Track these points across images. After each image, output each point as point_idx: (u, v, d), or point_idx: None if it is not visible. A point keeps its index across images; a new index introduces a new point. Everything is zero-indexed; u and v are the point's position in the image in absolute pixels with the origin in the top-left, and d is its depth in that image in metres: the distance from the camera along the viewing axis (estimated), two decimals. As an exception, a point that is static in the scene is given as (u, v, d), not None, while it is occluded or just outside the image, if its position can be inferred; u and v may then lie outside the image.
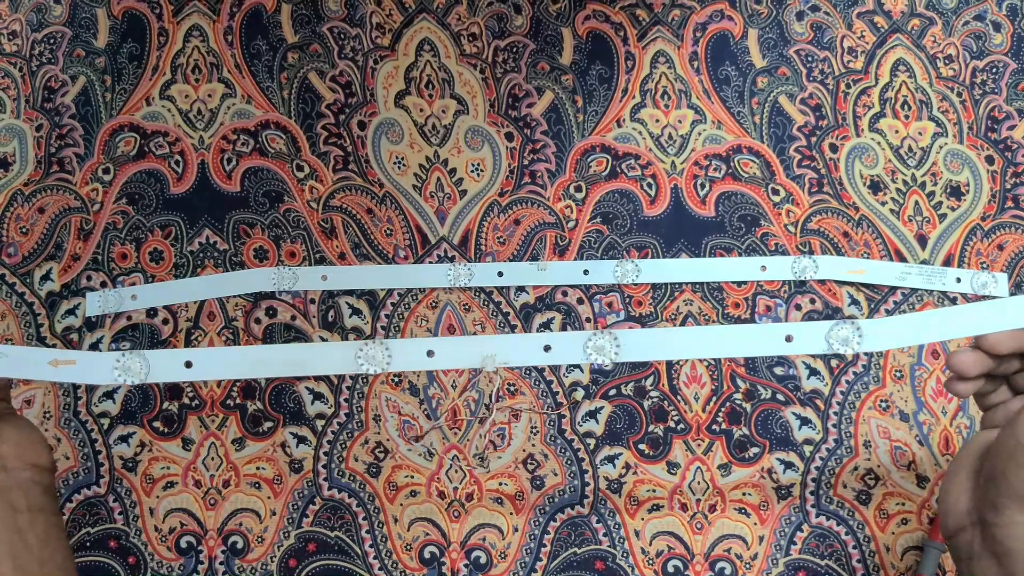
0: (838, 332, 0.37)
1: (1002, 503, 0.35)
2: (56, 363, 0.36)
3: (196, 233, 0.61)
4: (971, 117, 0.63)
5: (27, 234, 0.61)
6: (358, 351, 0.38)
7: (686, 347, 0.39)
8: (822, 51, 0.64)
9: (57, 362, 0.36)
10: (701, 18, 0.64)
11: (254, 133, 0.62)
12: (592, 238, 0.61)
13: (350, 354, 0.38)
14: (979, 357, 0.39)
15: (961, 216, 0.62)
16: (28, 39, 0.64)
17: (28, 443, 0.38)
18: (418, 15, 0.64)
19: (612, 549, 0.57)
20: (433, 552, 0.57)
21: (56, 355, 0.36)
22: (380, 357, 0.38)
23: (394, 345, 0.38)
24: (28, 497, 0.37)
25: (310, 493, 0.58)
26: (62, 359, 0.36)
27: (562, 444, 0.58)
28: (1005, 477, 0.35)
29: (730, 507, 0.58)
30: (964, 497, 0.38)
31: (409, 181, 0.62)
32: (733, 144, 0.62)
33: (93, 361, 0.37)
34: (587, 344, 0.38)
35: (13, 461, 0.37)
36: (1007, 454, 0.35)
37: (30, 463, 0.38)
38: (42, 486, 0.38)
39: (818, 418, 0.58)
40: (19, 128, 0.62)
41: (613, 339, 0.38)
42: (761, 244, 0.61)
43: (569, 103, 0.63)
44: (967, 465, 0.39)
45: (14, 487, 0.37)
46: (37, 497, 0.37)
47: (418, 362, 0.38)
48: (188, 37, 0.63)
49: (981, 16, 0.65)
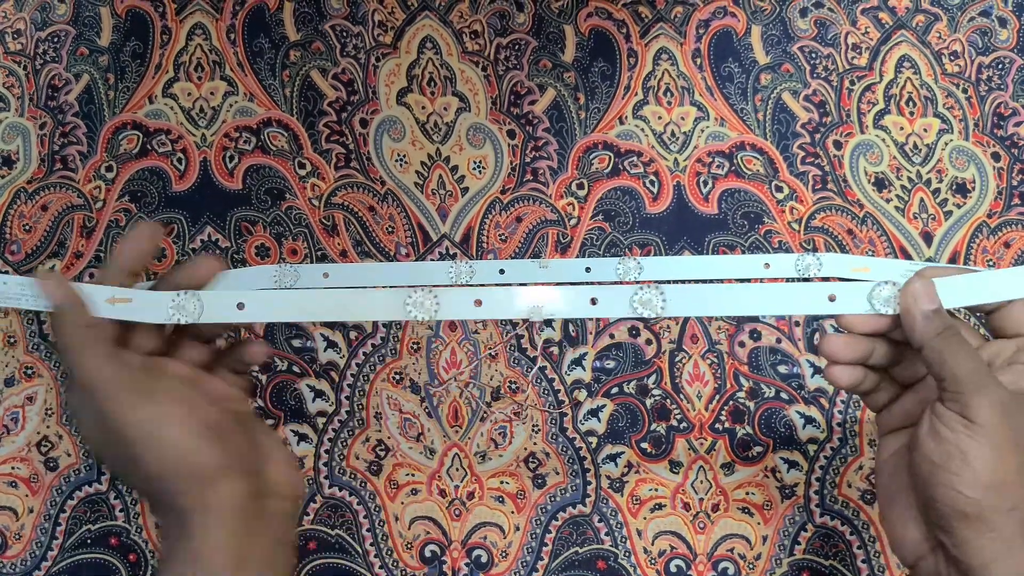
0: (880, 293, 0.37)
1: (948, 525, 0.33)
2: (113, 300, 0.36)
3: (198, 230, 0.61)
4: (977, 113, 0.62)
5: (30, 232, 0.61)
6: (407, 298, 0.37)
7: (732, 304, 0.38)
8: (826, 47, 0.64)
9: (114, 299, 0.36)
10: (704, 15, 0.64)
11: (256, 131, 0.62)
12: (594, 235, 0.61)
13: (399, 300, 0.38)
14: (849, 340, 0.37)
15: (967, 213, 0.61)
16: (32, 38, 0.64)
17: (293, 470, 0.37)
18: (420, 13, 0.64)
19: (614, 548, 0.57)
20: (434, 551, 0.57)
21: (114, 292, 0.36)
22: (429, 304, 0.37)
23: (442, 293, 0.38)
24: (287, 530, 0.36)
25: (311, 491, 0.58)
26: (120, 296, 0.36)
27: (564, 443, 0.58)
28: (937, 501, 0.33)
29: (733, 506, 0.57)
30: (911, 526, 0.36)
31: (411, 179, 0.62)
32: (736, 141, 0.62)
33: (149, 300, 0.37)
34: (633, 298, 0.38)
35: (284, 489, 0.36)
36: (928, 480, 0.34)
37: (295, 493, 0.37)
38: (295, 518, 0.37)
39: (822, 417, 0.58)
40: (23, 126, 0.63)
41: (660, 293, 0.38)
42: (764, 241, 0.61)
43: (571, 100, 0.63)
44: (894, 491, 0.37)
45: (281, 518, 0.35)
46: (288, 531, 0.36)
47: (466, 311, 0.38)
48: (191, 35, 0.64)
49: (987, 12, 0.64)
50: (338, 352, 0.59)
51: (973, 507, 0.33)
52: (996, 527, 0.32)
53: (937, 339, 0.34)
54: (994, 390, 0.33)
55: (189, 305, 0.37)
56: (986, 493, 0.32)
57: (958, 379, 0.33)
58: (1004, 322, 0.37)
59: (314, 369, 0.59)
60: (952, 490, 0.33)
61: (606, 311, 0.38)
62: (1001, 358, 0.36)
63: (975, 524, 0.33)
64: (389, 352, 0.59)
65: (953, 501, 0.33)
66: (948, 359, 0.34)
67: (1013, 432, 0.33)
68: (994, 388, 0.33)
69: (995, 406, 0.33)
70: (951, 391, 0.34)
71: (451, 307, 0.38)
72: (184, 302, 0.37)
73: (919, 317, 0.35)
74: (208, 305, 0.37)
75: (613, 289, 0.38)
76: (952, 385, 0.33)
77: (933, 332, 0.34)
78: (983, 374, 0.34)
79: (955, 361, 0.33)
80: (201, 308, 0.37)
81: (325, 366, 0.59)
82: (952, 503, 0.33)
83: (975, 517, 0.33)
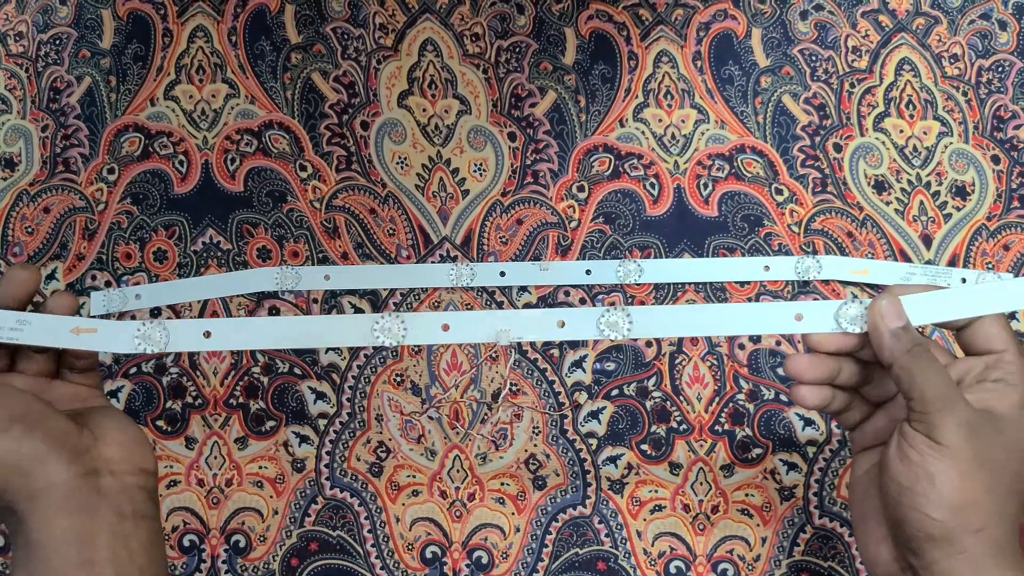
0: (847, 311, 0.37)
1: (917, 547, 0.33)
2: (78, 331, 0.36)
3: (200, 233, 0.61)
4: (977, 116, 0.63)
5: (32, 234, 0.61)
6: (374, 324, 0.38)
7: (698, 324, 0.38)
8: (826, 50, 0.64)
9: (79, 330, 0.36)
10: (704, 17, 0.64)
11: (257, 133, 0.62)
12: (594, 238, 0.61)
13: (366, 326, 0.38)
14: (815, 360, 0.37)
15: (966, 216, 0.61)
16: (34, 40, 0.64)
17: (135, 445, 0.37)
18: (421, 15, 0.64)
19: (614, 550, 0.57)
20: (435, 552, 0.57)
21: (78, 323, 0.36)
22: (396, 330, 0.38)
23: (409, 318, 0.38)
24: (133, 503, 0.35)
25: (312, 492, 0.58)
26: (84, 327, 0.36)
27: (564, 444, 0.58)
28: (907, 523, 0.33)
29: (733, 508, 0.57)
30: (883, 545, 0.36)
31: (412, 181, 0.62)
32: (736, 144, 0.62)
33: (114, 330, 0.37)
34: (600, 320, 0.38)
35: (120, 464, 0.36)
36: (896, 502, 0.34)
37: (137, 467, 0.36)
38: (147, 491, 0.36)
39: (821, 419, 0.58)
40: (25, 128, 0.63)
41: (626, 315, 0.38)
42: (764, 244, 0.61)
43: (572, 103, 0.63)
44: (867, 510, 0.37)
45: (120, 492, 0.35)
46: (142, 503, 0.36)
47: (433, 335, 0.38)
48: (192, 38, 0.64)
49: (987, 15, 0.64)
50: (339, 354, 0.59)
51: (940, 529, 0.32)
52: (964, 548, 0.32)
53: (906, 356, 0.34)
54: (960, 410, 0.33)
55: (155, 334, 0.38)
56: (953, 515, 0.32)
57: (925, 398, 0.33)
58: (973, 339, 0.36)
59: (315, 371, 0.59)
60: (919, 512, 0.33)
61: (573, 333, 0.38)
62: (970, 376, 0.36)
63: (943, 546, 0.32)
64: (390, 354, 0.59)
65: (920, 523, 0.33)
66: (917, 377, 0.33)
67: (979, 452, 0.33)
68: (961, 408, 0.33)
69: (961, 427, 0.33)
70: (918, 411, 0.33)
71: (418, 332, 0.38)
72: (150, 332, 0.37)
73: (887, 335, 0.35)
74: (174, 333, 0.38)
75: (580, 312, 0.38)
76: (919, 405, 0.33)
77: (902, 349, 0.34)
78: (951, 393, 0.33)
79: (924, 379, 0.33)
80: (168, 337, 0.38)
81: (326, 368, 0.59)
82: (919, 525, 0.33)
83: (943, 539, 0.32)
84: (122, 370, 0.59)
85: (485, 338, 0.38)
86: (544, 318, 0.38)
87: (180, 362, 0.59)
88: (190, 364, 0.59)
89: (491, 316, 0.38)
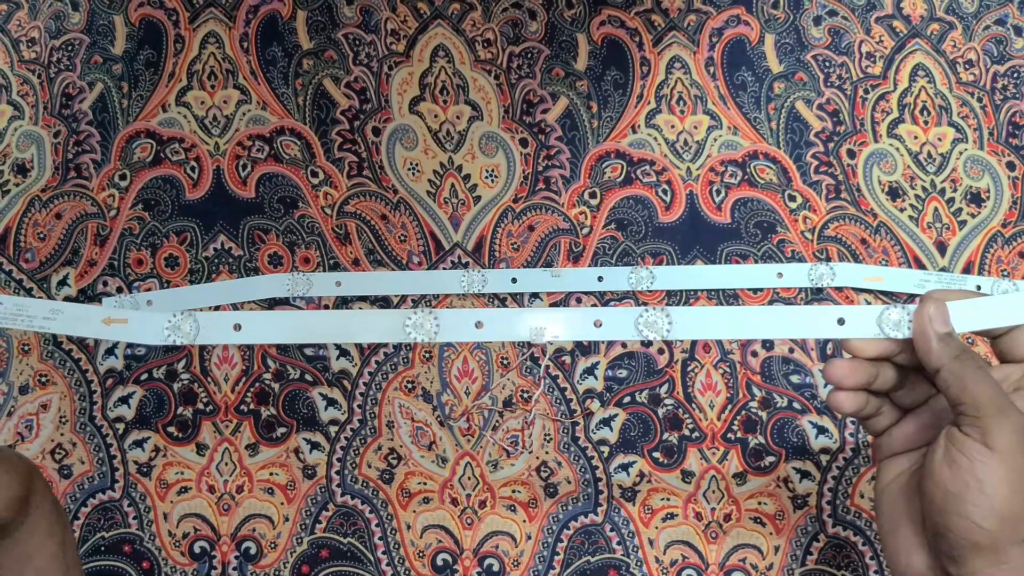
0: (889, 316, 0.36)
1: (960, 556, 0.32)
2: (109, 321, 0.36)
3: (211, 239, 0.61)
4: (991, 122, 0.62)
5: (44, 240, 0.61)
6: (406, 320, 0.37)
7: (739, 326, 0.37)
8: (840, 56, 0.63)
9: (110, 320, 0.36)
10: (717, 23, 0.64)
11: (269, 139, 0.62)
12: (606, 244, 0.61)
13: (398, 322, 0.37)
14: (855, 365, 0.37)
15: (981, 223, 0.61)
16: (47, 46, 0.64)
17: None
18: (433, 21, 0.64)
19: (626, 558, 0.57)
20: (446, 559, 0.57)
21: (109, 313, 0.36)
22: (428, 326, 0.37)
23: (442, 315, 0.37)
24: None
25: (323, 499, 0.58)
26: (115, 317, 0.36)
27: (576, 451, 0.58)
28: (950, 531, 0.32)
29: (745, 516, 0.57)
30: (916, 555, 0.35)
31: (423, 187, 0.62)
32: (749, 150, 0.62)
33: (144, 320, 0.36)
34: (639, 320, 0.37)
35: None
36: (941, 509, 0.33)
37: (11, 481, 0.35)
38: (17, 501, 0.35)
39: (835, 427, 0.58)
40: (37, 134, 0.63)
41: (666, 316, 0.37)
42: (777, 251, 0.60)
43: (584, 109, 0.63)
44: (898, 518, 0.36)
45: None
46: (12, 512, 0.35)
47: (467, 333, 0.37)
48: (204, 44, 0.64)
49: (1002, 20, 0.64)
50: (350, 361, 0.59)
51: (987, 538, 0.32)
52: (1009, 559, 0.32)
53: (955, 362, 0.34)
54: (1015, 416, 0.32)
55: (185, 326, 0.37)
56: (1002, 524, 0.32)
57: (978, 403, 0.33)
58: (1011, 346, 0.36)
59: (326, 378, 0.59)
60: (967, 520, 0.32)
61: (610, 334, 0.37)
62: (1007, 383, 0.36)
63: (987, 555, 0.32)
64: (401, 361, 0.59)
65: (967, 532, 0.32)
66: (968, 382, 0.33)
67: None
68: (1014, 414, 0.33)
69: (1016, 432, 0.32)
70: (969, 416, 0.33)
71: (451, 329, 0.37)
72: (180, 323, 0.37)
73: (935, 340, 0.34)
74: (204, 326, 0.37)
75: (617, 311, 0.37)
76: (971, 410, 0.33)
77: (951, 355, 0.34)
78: (1003, 399, 0.33)
79: (975, 385, 0.33)
80: (197, 329, 0.37)
81: (337, 375, 0.59)
82: (966, 534, 0.32)
83: (989, 548, 0.32)
84: (133, 376, 0.59)
85: (519, 336, 0.37)
86: (581, 317, 0.37)
87: (191, 368, 0.59)
88: (201, 370, 0.59)
89: (527, 314, 0.37)
